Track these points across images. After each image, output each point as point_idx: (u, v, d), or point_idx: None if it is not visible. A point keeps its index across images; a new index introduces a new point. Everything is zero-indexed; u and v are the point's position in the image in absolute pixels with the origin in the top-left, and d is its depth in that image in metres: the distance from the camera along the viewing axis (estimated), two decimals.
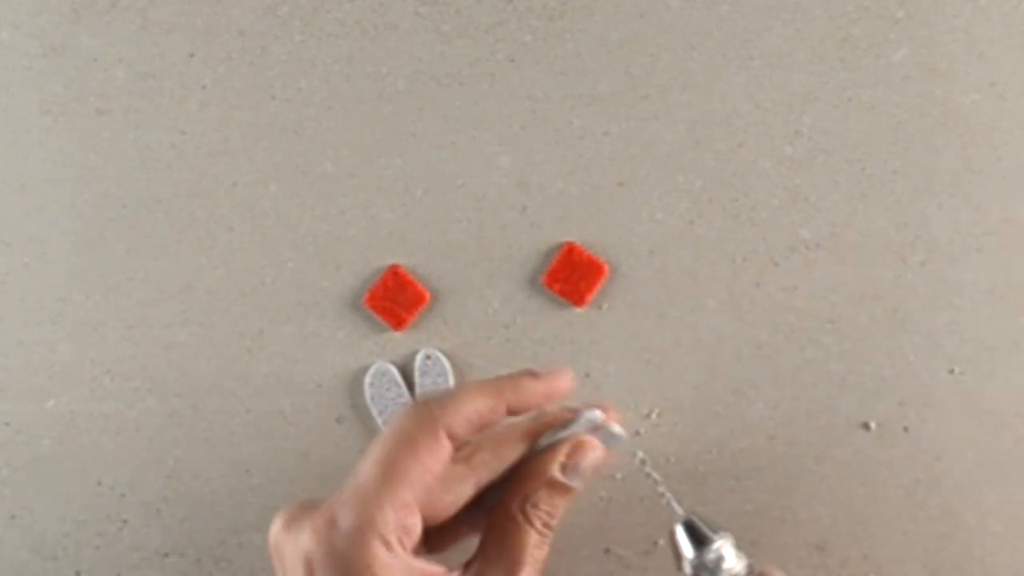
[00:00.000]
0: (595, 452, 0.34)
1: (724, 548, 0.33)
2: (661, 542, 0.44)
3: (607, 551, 0.45)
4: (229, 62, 0.46)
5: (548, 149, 0.45)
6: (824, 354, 0.44)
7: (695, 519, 0.34)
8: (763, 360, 0.44)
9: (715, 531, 0.34)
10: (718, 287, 0.44)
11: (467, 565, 0.32)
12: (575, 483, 0.33)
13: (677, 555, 0.34)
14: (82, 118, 0.46)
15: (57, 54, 0.46)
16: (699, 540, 0.34)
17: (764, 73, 0.44)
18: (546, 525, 0.33)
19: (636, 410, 0.44)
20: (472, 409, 0.32)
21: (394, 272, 0.45)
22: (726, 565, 0.33)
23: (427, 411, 0.32)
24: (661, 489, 0.35)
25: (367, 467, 0.31)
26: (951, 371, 0.44)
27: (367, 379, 0.45)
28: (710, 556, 0.33)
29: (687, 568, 0.34)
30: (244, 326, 0.45)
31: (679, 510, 0.34)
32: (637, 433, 0.44)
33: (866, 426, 0.44)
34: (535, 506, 0.33)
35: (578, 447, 0.33)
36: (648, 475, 0.35)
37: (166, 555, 0.46)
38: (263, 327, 0.45)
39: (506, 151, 0.45)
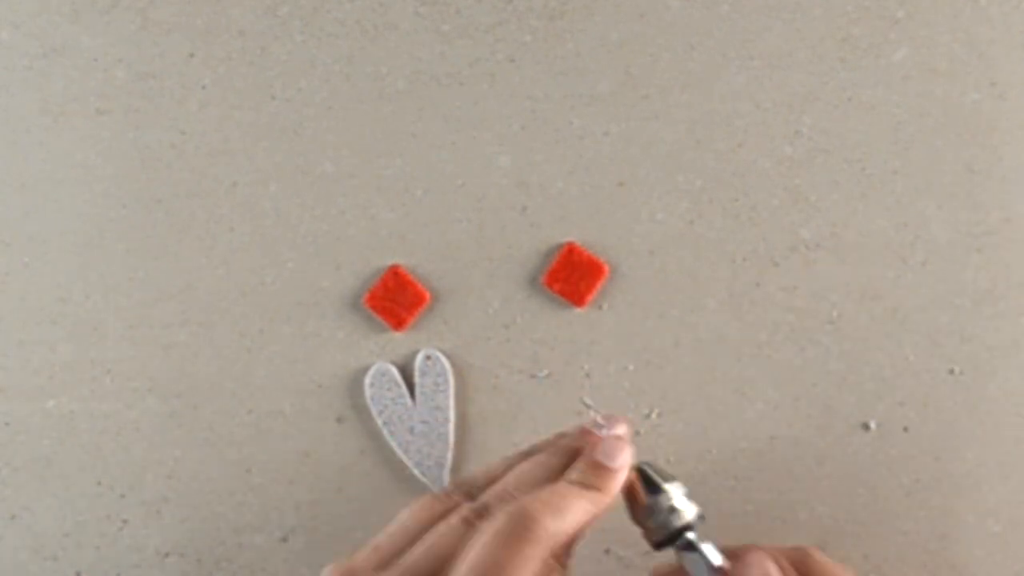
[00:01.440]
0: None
1: (675, 495, 0.34)
2: None
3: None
4: (229, 62, 0.46)
5: (548, 149, 0.45)
6: (824, 354, 0.44)
7: (647, 467, 0.34)
8: (763, 360, 0.44)
9: (666, 480, 0.34)
10: (718, 287, 0.44)
11: None
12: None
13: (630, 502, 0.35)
14: (82, 118, 0.46)
15: (57, 54, 0.46)
16: (651, 487, 0.34)
17: (764, 73, 0.44)
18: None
19: (636, 410, 0.44)
20: (577, 529, 0.31)
21: (394, 272, 0.45)
22: (677, 511, 0.34)
23: (536, 529, 0.30)
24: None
25: (464, 573, 0.29)
26: (951, 371, 0.44)
27: (367, 379, 0.45)
28: (661, 502, 0.34)
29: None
30: (244, 326, 0.45)
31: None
32: (637, 433, 0.44)
33: (866, 426, 0.44)
34: None
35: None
36: (587, 406, 0.36)
37: (166, 555, 0.46)
38: (263, 327, 0.45)
39: (506, 151, 0.45)
